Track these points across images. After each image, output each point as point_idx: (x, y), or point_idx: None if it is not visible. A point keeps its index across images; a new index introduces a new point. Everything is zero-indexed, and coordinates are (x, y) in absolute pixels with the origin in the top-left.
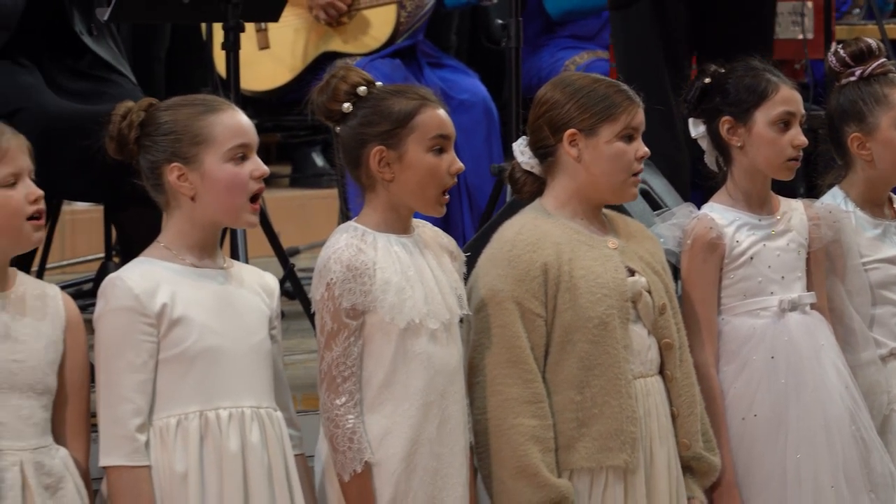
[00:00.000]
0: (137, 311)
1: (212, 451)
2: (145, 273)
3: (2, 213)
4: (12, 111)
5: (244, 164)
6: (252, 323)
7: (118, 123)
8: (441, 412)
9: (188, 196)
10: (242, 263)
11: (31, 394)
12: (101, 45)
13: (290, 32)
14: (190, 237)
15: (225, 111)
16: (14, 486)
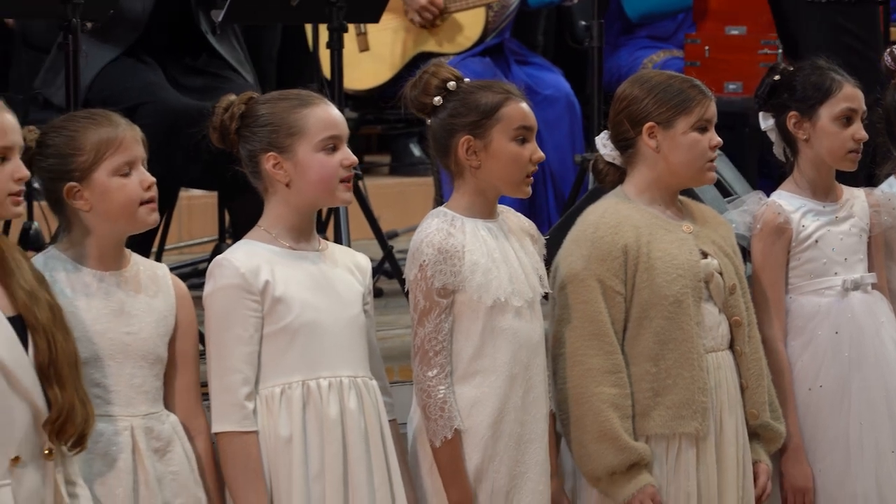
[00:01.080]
0: (243, 289)
1: (313, 417)
2: (249, 254)
3: (118, 199)
4: (135, 105)
5: (334, 154)
6: (347, 299)
7: (220, 115)
8: (525, 383)
9: (283, 183)
10: (336, 245)
11: (143, 364)
12: (224, 44)
13: (388, 34)
14: (287, 221)
15: (318, 105)
16: (125, 449)
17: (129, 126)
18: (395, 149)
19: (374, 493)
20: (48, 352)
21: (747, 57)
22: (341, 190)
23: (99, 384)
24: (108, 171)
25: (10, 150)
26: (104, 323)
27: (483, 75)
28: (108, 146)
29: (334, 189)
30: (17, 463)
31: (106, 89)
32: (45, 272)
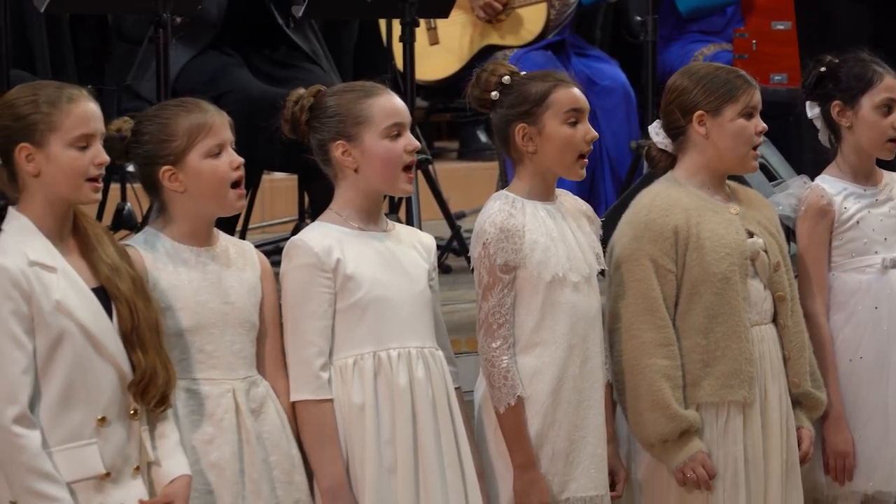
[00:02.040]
0: (317, 267)
1: (384, 386)
2: (321, 234)
3: (211, 180)
4: (220, 95)
5: (398, 140)
6: (414, 275)
7: (291, 108)
8: (583, 353)
9: (352, 169)
10: (402, 225)
11: (241, 331)
12: (301, 36)
13: (457, 29)
14: (356, 204)
15: (381, 94)
16: (229, 410)
17: (217, 111)
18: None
19: (442, 457)
20: (130, 319)
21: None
22: (403, 181)
23: (203, 350)
24: (200, 153)
25: (92, 136)
26: (205, 294)
27: (544, 67)
28: (199, 130)
29: (398, 174)
30: (104, 423)
31: (192, 81)
32: (146, 249)
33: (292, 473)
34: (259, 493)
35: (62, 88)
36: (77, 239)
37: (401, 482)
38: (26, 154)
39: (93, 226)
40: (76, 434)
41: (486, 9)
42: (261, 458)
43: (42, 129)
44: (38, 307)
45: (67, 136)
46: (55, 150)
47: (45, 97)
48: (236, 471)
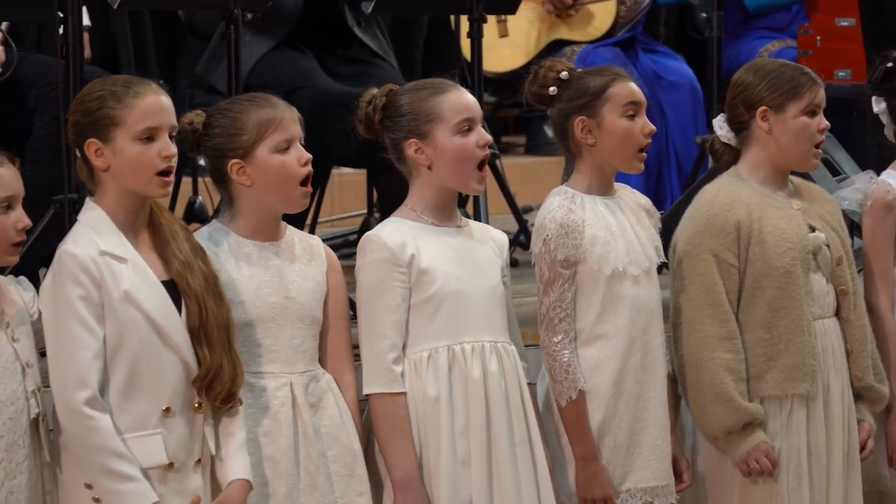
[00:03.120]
0: (392, 262)
1: (458, 379)
2: (396, 230)
3: (278, 174)
4: (292, 90)
5: (470, 135)
6: (487, 270)
7: (364, 108)
8: (643, 346)
9: (425, 166)
10: (475, 221)
11: (301, 325)
12: (369, 34)
13: (525, 23)
14: (430, 200)
15: (451, 91)
16: (285, 403)
17: (287, 107)
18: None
19: (514, 448)
20: (199, 315)
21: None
22: (475, 179)
23: (262, 344)
24: (269, 148)
25: (158, 130)
26: (265, 289)
27: (612, 62)
28: (269, 125)
29: (471, 171)
30: (168, 414)
31: (264, 76)
32: (209, 243)
33: (354, 467)
34: (315, 486)
35: (130, 83)
36: (152, 232)
37: (474, 474)
38: (95, 149)
39: (169, 221)
40: (141, 423)
41: (555, 3)
42: (318, 451)
43: (107, 123)
44: (107, 295)
45: (132, 130)
46: (121, 144)
47: (111, 92)
48: (292, 464)
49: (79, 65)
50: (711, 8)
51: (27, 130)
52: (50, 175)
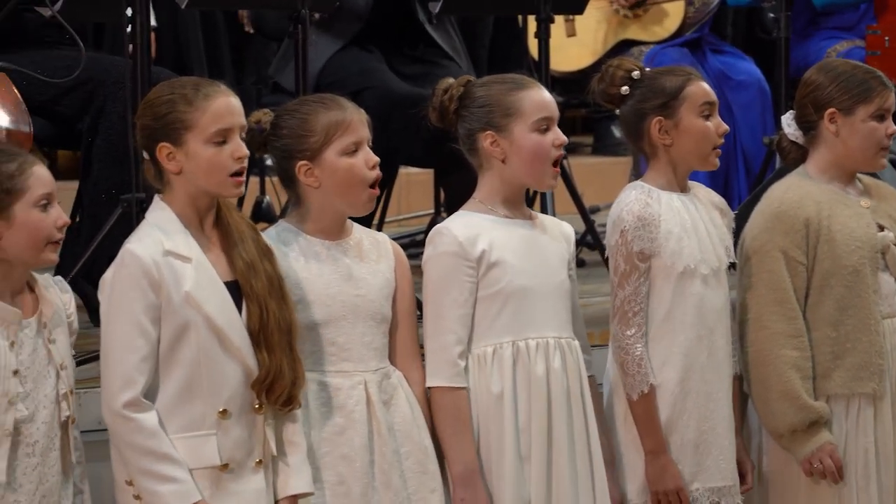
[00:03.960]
0: (461, 256)
1: (522, 375)
2: (467, 223)
3: (345, 177)
4: (359, 90)
5: (547, 134)
6: (554, 265)
7: (440, 96)
8: (710, 344)
9: (499, 159)
10: (543, 215)
11: (371, 323)
12: (440, 32)
13: (593, 22)
14: (500, 194)
15: (532, 88)
16: (360, 402)
17: (355, 109)
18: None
19: (573, 445)
20: (259, 318)
21: None
22: (549, 175)
23: (334, 343)
24: (337, 150)
25: (230, 131)
26: (336, 287)
27: (680, 62)
28: (337, 128)
29: (546, 168)
30: (225, 416)
31: (333, 75)
32: (278, 243)
33: (426, 463)
34: (389, 484)
35: (199, 85)
36: (220, 232)
37: (534, 470)
38: (167, 153)
39: (237, 221)
40: (196, 424)
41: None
42: (392, 448)
43: (179, 127)
44: (167, 296)
45: (204, 133)
46: (194, 147)
47: (181, 95)
48: (366, 462)
49: (146, 65)
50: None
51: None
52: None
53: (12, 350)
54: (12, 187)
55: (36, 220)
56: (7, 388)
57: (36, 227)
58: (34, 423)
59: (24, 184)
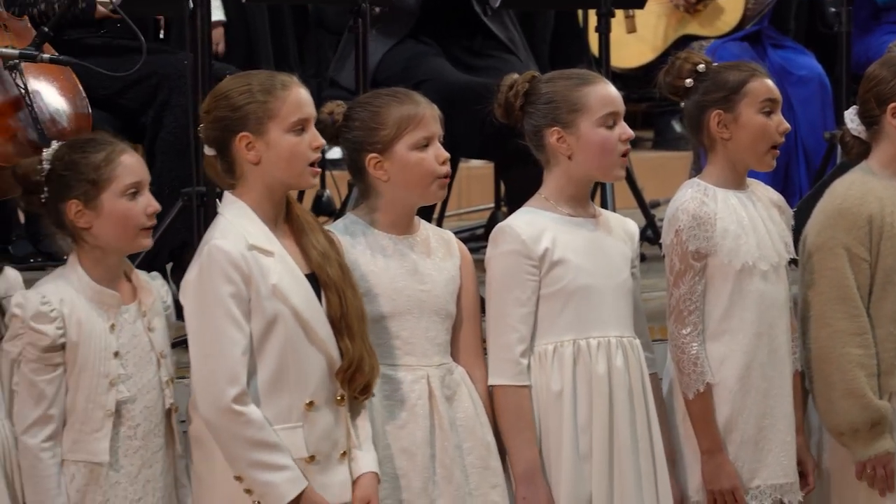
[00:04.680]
0: (523, 254)
1: (583, 374)
2: (530, 221)
3: (415, 171)
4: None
5: (614, 129)
6: (617, 264)
7: (505, 93)
8: (770, 341)
9: (566, 156)
10: (607, 211)
11: (436, 318)
12: (498, 24)
13: (653, 18)
14: (566, 190)
15: (597, 83)
16: (422, 396)
17: (428, 104)
18: (658, 125)
19: (636, 444)
20: (339, 306)
21: None
22: (618, 166)
23: (398, 336)
24: (408, 145)
25: (308, 121)
26: (402, 281)
27: (740, 57)
28: (409, 122)
29: (614, 162)
30: (311, 407)
31: (389, 69)
32: (345, 235)
33: (488, 459)
34: (450, 479)
35: (274, 76)
36: (290, 225)
37: (595, 469)
38: (246, 143)
39: (304, 213)
40: (284, 416)
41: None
42: (453, 443)
43: (260, 116)
44: (255, 290)
45: (285, 121)
46: (274, 136)
47: (259, 86)
48: (427, 456)
49: (208, 59)
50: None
51: (158, 124)
52: (179, 168)
53: (113, 332)
54: (98, 177)
55: (124, 209)
56: (108, 369)
57: (124, 216)
58: (135, 406)
59: (112, 173)
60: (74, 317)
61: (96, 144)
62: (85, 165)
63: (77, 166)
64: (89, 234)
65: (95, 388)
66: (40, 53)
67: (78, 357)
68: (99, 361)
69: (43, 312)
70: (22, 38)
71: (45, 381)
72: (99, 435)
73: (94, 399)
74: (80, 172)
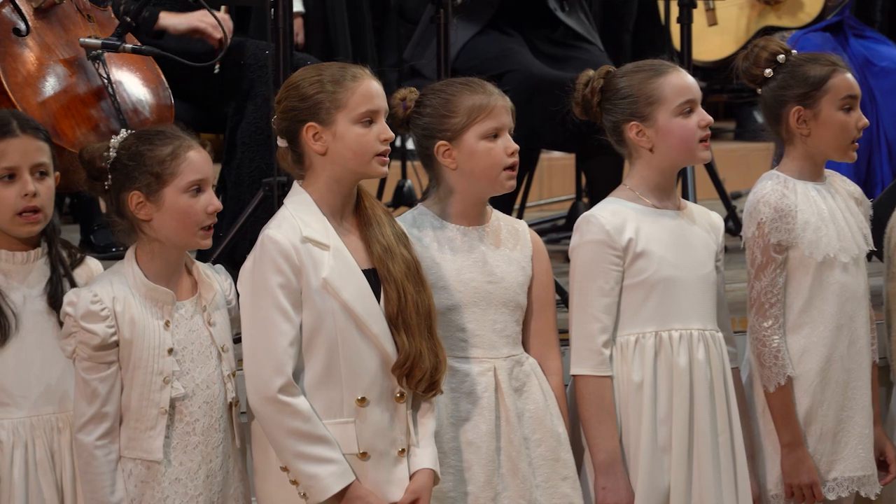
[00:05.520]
0: (607, 244)
1: (664, 366)
2: (615, 212)
3: (483, 161)
4: (502, 73)
5: (692, 116)
6: (702, 256)
7: (581, 90)
8: (850, 333)
9: (647, 148)
10: (692, 204)
11: (504, 310)
12: (573, 18)
13: (734, 10)
14: (650, 181)
15: (671, 73)
16: (488, 388)
17: (500, 95)
18: (739, 116)
19: (716, 437)
20: (398, 302)
21: None
22: (700, 149)
23: (464, 329)
24: (477, 134)
25: (377, 113)
26: (469, 273)
27: (822, 48)
28: (480, 111)
29: (695, 149)
30: (363, 404)
31: (471, 59)
32: (412, 227)
33: (558, 451)
34: (516, 472)
35: (346, 68)
36: (358, 218)
37: (674, 461)
38: (313, 133)
39: (374, 206)
40: (335, 411)
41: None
42: (520, 436)
43: (328, 107)
44: (306, 282)
45: (353, 112)
46: (342, 127)
47: (329, 77)
48: (492, 449)
49: (289, 49)
50: None
51: (240, 114)
52: (260, 158)
53: (167, 329)
54: (162, 172)
55: (184, 206)
56: (161, 366)
57: (184, 212)
58: (193, 402)
59: (176, 169)
60: (127, 315)
61: (164, 138)
62: (150, 158)
63: (143, 158)
64: (149, 226)
65: (149, 385)
66: (123, 44)
67: (131, 355)
68: (152, 359)
69: (93, 311)
70: (105, 28)
71: (98, 380)
72: (153, 433)
73: (148, 397)
74: (145, 164)
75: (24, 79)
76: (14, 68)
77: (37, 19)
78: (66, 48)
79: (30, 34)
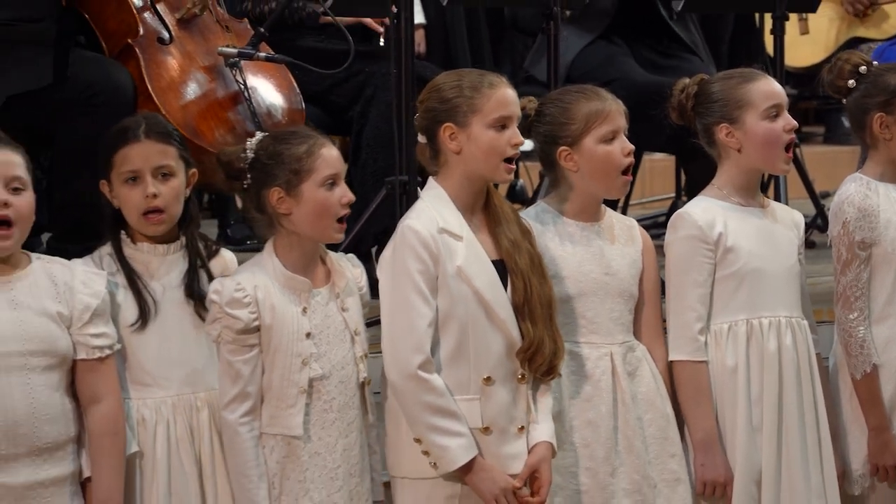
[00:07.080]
0: (700, 239)
1: (755, 351)
2: (705, 209)
3: (602, 163)
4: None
5: (777, 120)
6: (786, 250)
7: (677, 96)
8: None
9: (735, 149)
10: (775, 202)
11: (619, 300)
12: (681, 26)
13: (825, 21)
14: (737, 181)
15: (760, 79)
16: (606, 371)
17: (614, 100)
18: (828, 121)
19: (803, 417)
20: (524, 292)
21: None
22: (782, 160)
23: (584, 316)
24: (596, 138)
25: (510, 119)
26: (588, 265)
27: None
28: (597, 117)
29: (779, 153)
30: (489, 383)
31: (582, 67)
32: (536, 222)
33: (667, 430)
34: (631, 449)
35: (484, 75)
36: (486, 214)
37: (765, 440)
38: (450, 133)
39: (502, 204)
40: (463, 388)
41: (854, 4)
42: (635, 416)
43: (465, 110)
44: (442, 269)
45: (487, 117)
46: (476, 130)
47: (468, 82)
48: (610, 428)
49: (410, 57)
50: None
51: (364, 118)
52: (383, 158)
53: (305, 315)
54: (301, 168)
55: (321, 198)
56: (300, 349)
57: (321, 205)
58: (330, 382)
59: (313, 165)
60: (268, 302)
61: (299, 137)
62: (289, 156)
63: (281, 156)
64: (288, 220)
65: (289, 367)
66: (257, 52)
67: (272, 339)
68: (292, 343)
69: (237, 298)
70: (241, 38)
71: (241, 362)
72: (293, 410)
73: (288, 377)
74: (284, 162)
75: (168, 84)
76: (158, 74)
77: (179, 29)
78: (205, 56)
79: (173, 43)
